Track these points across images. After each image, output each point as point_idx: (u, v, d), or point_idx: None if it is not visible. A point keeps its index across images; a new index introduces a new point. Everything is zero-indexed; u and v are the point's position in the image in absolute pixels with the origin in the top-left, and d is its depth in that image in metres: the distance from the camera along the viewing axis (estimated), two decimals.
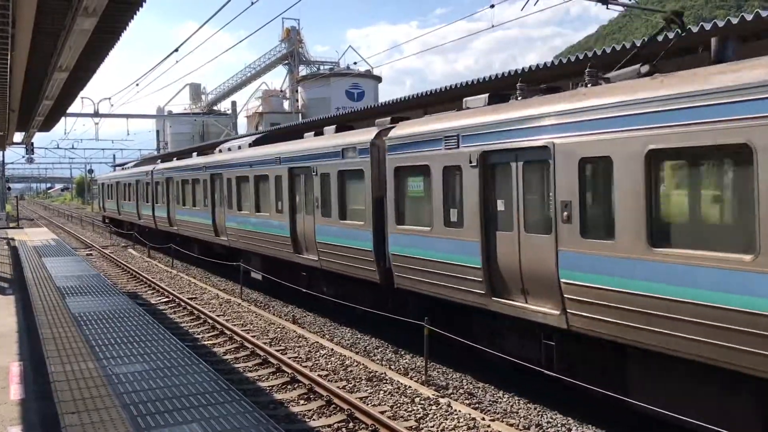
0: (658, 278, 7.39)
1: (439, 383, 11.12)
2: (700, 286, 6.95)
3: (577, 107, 8.50)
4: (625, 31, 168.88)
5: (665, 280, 7.30)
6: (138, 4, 11.02)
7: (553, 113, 8.85)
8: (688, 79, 7.28)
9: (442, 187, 11.16)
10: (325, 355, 12.89)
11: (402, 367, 12.27)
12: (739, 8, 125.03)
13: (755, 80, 6.45)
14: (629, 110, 7.72)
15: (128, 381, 8.88)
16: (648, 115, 7.48)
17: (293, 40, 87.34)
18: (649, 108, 7.47)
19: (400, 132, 12.51)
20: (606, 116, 8.01)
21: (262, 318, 16.66)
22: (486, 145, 10.13)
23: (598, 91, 8.55)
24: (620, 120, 7.81)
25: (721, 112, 6.71)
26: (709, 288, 6.86)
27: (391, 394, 10.45)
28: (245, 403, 7.99)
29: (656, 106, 7.39)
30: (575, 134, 8.47)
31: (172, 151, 24.89)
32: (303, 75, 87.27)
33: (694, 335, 7.05)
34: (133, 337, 11.43)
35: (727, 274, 6.70)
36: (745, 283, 6.51)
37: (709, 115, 6.80)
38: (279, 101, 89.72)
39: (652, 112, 7.42)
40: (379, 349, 13.54)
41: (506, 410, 9.85)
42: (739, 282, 6.56)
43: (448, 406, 9.76)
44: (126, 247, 36.84)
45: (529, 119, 9.29)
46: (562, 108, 8.76)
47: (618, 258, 7.89)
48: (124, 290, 20.61)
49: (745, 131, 6.48)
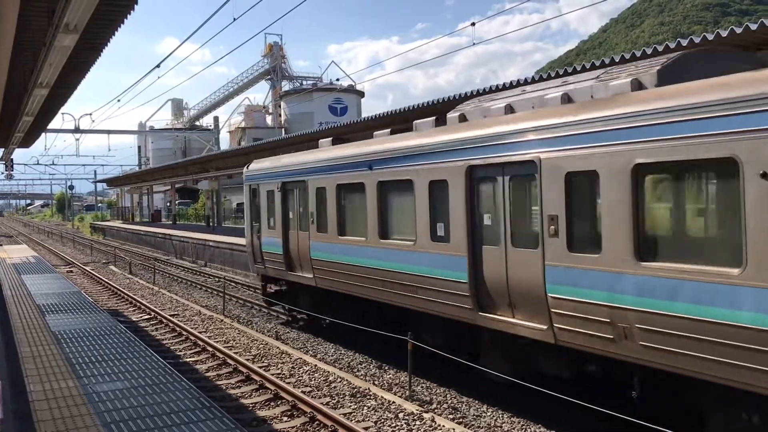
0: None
1: (423, 398, 11.10)
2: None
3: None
4: (605, 45, 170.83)
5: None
6: (119, 20, 11.02)
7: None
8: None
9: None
10: (309, 371, 12.83)
11: (386, 382, 12.24)
12: (716, 23, 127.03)
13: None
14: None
15: (109, 399, 8.79)
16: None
17: (276, 56, 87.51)
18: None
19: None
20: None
21: (245, 334, 16.57)
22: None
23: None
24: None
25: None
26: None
27: (375, 410, 10.41)
28: (227, 420, 7.93)
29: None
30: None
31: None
32: (286, 90, 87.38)
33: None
34: (114, 355, 11.31)
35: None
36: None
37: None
38: (262, 116, 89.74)
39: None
40: (363, 365, 13.51)
41: (490, 424, 9.84)
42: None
43: (432, 421, 9.74)
44: (107, 264, 36.54)
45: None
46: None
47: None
48: (105, 307, 20.42)
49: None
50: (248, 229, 18.33)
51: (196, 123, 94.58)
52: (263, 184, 17.41)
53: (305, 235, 15.14)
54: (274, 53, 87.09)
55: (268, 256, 17.10)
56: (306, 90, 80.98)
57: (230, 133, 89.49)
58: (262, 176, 17.64)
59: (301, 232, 15.44)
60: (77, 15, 9.72)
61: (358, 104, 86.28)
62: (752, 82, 6.54)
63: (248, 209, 18.52)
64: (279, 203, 16.38)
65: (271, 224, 16.88)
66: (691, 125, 6.87)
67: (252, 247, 18.20)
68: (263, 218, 17.43)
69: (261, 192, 17.50)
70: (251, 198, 18.29)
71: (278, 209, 16.43)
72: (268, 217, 17.16)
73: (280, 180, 16.30)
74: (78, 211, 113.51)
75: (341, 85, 78.05)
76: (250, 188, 18.28)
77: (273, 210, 16.78)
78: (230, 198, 77.18)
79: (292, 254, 15.88)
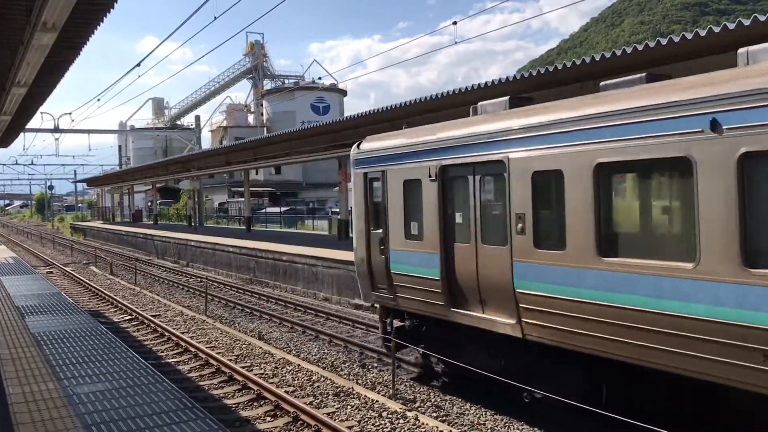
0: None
1: (406, 397, 11.11)
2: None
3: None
4: (585, 45, 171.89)
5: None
6: (98, 18, 10.92)
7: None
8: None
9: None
10: (292, 371, 12.80)
11: (369, 381, 12.24)
12: (695, 23, 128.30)
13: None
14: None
15: (90, 401, 8.70)
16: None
17: (257, 54, 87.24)
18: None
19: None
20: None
21: (228, 335, 16.49)
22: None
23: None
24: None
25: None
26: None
27: (359, 409, 10.41)
28: (210, 421, 7.88)
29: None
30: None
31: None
32: (267, 89, 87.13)
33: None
34: (95, 356, 11.21)
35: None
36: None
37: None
38: (243, 115, 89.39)
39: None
40: (346, 364, 13.49)
41: (473, 422, 9.88)
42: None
43: (416, 420, 9.76)
44: (88, 265, 36.21)
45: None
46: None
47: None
48: (86, 308, 20.23)
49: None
50: (360, 238, 12.70)
51: (177, 122, 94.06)
52: (395, 171, 11.57)
53: (500, 252, 9.27)
54: (255, 52, 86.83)
55: (406, 280, 11.31)
56: (288, 89, 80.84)
57: (212, 133, 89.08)
58: (390, 158, 11.75)
59: (486, 246, 9.67)
60: (55, 13, 9.62)
61: (340, 103, 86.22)
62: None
63: (360, 208, 12.70)
64: (434, 199, 10.54)
65: (414, 232, 11.19)
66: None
67: (368, 265, 12.38)
68: (393, 222, 11.62)
69: (390, 183, 11.69)
70: (367, 192, 12.48)
71: (432, 209, 10.62)
72: (406, 221, 11.34)
73: (438, 163, 10.44)
74: (58, 211, 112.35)
75: (323, 84, 77.94)
76: (365, 178, 12.47)
77: (419, 210, 11.00)
78: (212, 197, 76.83)
79: (465, 281, 10.10)
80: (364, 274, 12.58)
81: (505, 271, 9.09)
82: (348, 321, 18.19)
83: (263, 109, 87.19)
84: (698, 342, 6.75)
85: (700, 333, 6.70)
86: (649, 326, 7.20)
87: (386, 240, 11.82)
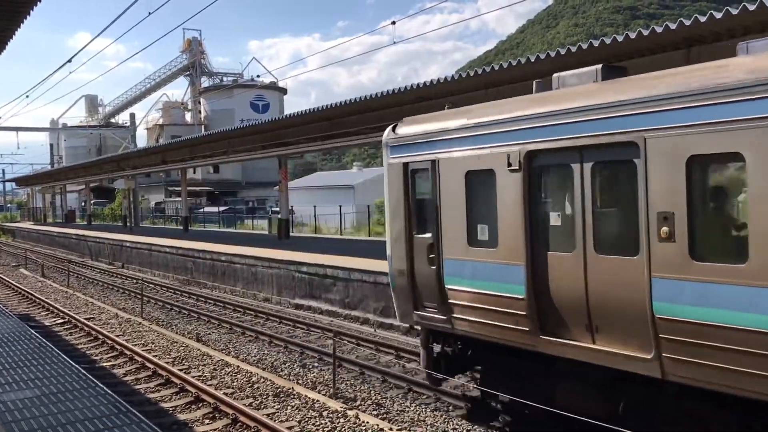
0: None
1: (347, 395, 11.10)
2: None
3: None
4: (522, 46, 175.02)
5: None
6: (24, 12, 10.53)
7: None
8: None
9: None
10: (231, 373, 12.62)
11: (310, 381, 12.17)
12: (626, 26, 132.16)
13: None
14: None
15: (17, 408, 8.38)
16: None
17: (195, 51, 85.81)
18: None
19: None
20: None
21: (165, 337, 16.15)
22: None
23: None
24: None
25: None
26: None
27: (299, 409, 10.34)
28: (145, 425, 7.70)
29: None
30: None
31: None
32: (205, 86, 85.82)
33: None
34: (23, 362, 10.81)
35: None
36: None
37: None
38: (180, 113, 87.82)
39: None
40: (286, 364, 13.39)
41: (414, 419, 9.93)
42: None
43: (357, 418, 9.75)
44: (17, 267, 34.93)
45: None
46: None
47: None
48: (15, 312, 19.48)
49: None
50: (396, 244, 9.92)
51: (111, 120, 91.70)
52: (452, 159, 8.86)
53: (626, 264, 6.97)
54: (192, 49, 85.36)
55: (467, 298, 8.70)
56: (226, 86, 79.80)
57: (148, 131, 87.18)
58: (444, 143, 9.01)
59: (602, 256, 7.20)
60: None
61: (280, 101, 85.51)
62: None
63: (396, 207, 9.92)
64: (516, 194, 7.97)
65: (482, 237, 8.58)
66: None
67: (410, 277, 9.67)
68: (449, 224, 8.98)
69: (445, 174, 9.00)
70: (408, 186, 9.71)
71: (512, 206, 8.04)
72: (470, 223, 8.71)
73: (522, 147, 7.86)
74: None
75: (263, 82, 77.17)
76: (405, 169, 9.68)
77: (490, 208, 8.38)
78: (148, 197, 75.21)
79: (564, 301, 7.63)
80: (403, 289, 9.77)
81: (636, 289, 6.75)
82: (288, 321, 18.07)
83: (201, 107, 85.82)
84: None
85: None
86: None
87: (437, 247, 9.10)
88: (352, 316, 18.20)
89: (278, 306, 21.13)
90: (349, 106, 20.10)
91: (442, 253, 9.06)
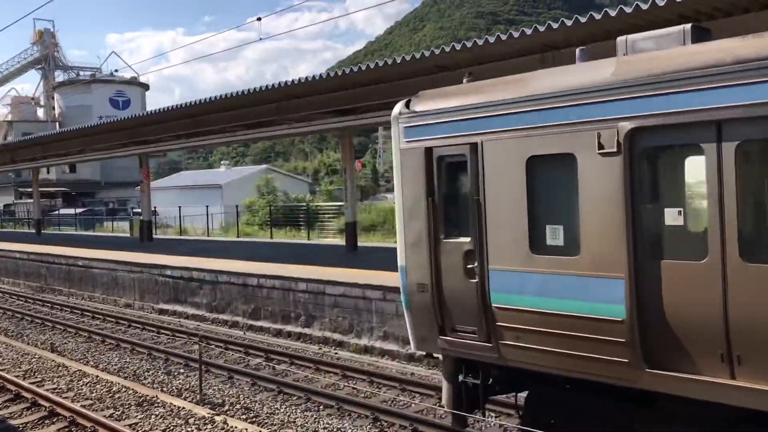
0: None
1: (215, 401, 10.83)
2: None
3: None
4: (390, 47, 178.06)
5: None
6: None
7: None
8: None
9: None
10: (89, 383, 11.97)
11: (175, 388, 11.77)
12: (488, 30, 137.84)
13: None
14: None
15: None
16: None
17: (47, 43, 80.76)
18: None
19: None
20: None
21: (14, 349, 15.05)
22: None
23: None
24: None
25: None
26: None
27: (164, 418, 9.97)
28: None
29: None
30: None
31: None
32: (60, 81, 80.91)
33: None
34: None
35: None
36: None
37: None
38: (32, 109, 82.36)
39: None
40: (150, 372, 12.88)
41: (284, 421, 9.86)
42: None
43: (225, 423, 9.53)
44: None
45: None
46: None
47: None
48: None
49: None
50: (415, 250, 7.68)
51: None
52: (506, 141, 6.77)
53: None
54: (45, 40, 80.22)
55: (529, 320, 6.64)
56: (83, 81, 75.45)
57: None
58: (489, 121, 6.90)
59: (752, 265, 5.27)
60: None
61: (142, 97, 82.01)
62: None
63: (415, 204, 7.66)
64: (613, 185, 5.92)
65: (554, 241, 6.56)
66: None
67: (435, 293, 7.48)
68: (499, 225, 6.91)
69: (493, 161, 6.91)
70: (432, 177, 7.49)
71: (605, 201, 6.02)
72: (532, 224, 6.65)
73: (622, 124, 5.81)
74: None
75: (123, 77, 73.85)
76: (428, 155, 7.46)
77: (567, 203, 6.44)
78: None
79: (688, 325, 5.66)
80: (424, 309, 7.58)
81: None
82: (152, 327, 17.38)
83: (55, 102, 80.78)
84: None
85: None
86: None
87: (480, 254, 7.03)
88: (220, 320, 17.77)
89: (141, 312, 20.28)
90: (214, 102, 19.62)
91: (487, 262, 6.98)
